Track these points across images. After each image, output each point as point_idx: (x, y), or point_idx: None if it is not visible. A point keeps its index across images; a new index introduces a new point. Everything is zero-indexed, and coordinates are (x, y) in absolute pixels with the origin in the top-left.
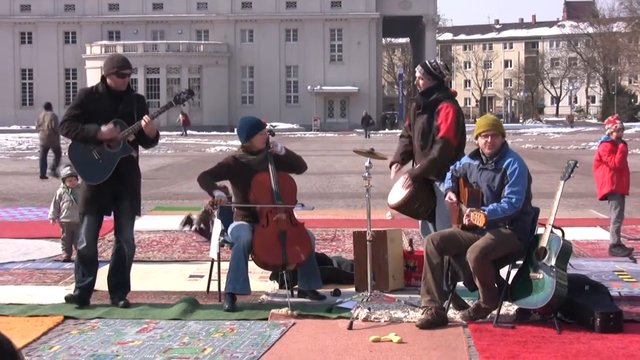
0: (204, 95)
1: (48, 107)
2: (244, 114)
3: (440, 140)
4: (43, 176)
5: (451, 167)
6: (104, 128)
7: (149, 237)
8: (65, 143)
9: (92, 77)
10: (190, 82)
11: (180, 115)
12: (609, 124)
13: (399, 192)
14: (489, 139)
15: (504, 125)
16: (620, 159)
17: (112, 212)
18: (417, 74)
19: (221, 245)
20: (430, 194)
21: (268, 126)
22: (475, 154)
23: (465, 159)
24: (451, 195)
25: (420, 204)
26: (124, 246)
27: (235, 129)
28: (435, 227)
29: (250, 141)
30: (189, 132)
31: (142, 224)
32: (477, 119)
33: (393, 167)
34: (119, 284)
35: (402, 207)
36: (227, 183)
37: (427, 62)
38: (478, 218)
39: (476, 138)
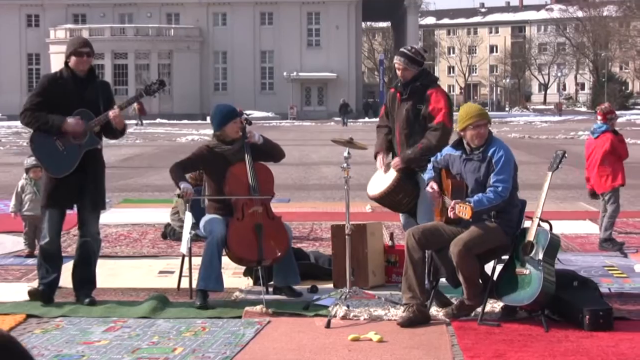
0: (174, 82)
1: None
2: (217, 102)
3: (437, 127)
4: None
5: (432, 159)
6: (70, 120)
7: (116, 231)
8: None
9: (56, 62)
10: (160, 68)
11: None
12: (611, 114)
13: (381, 181)
14: (481, 130)
15: (489, 113)
16: (626, 149)
17: (76, 206)
18: (400, 66)
19: (193, 239)
20: (414, 185)
21: (245, 115)
22: (458, 145)
23: (447, 150)
24: (433, 185)
25: (404, 194)
26: (89, 241)
27: (209, 117)
28: (417, 220)
29: (222, 130)
30: (144, 121)
31: (109, 217)
32: (460, 109)
33: (379, 157)
34: (85, 280)
35: (384, 198)
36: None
37: (405, 50)
38: (464, 210)
39: (462, 130)
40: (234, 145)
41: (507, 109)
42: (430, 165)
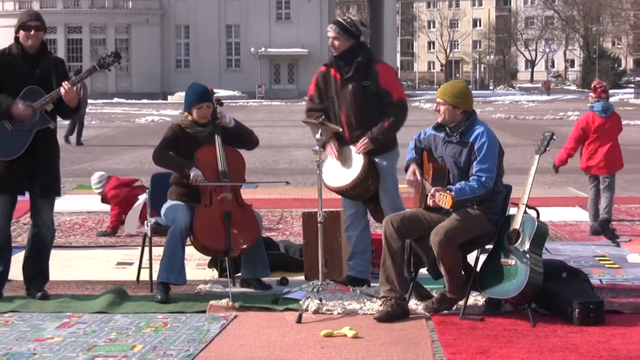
0: (133, 59)
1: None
2: (179, 80)
3: (399, 102)
4: (67, 140)
5: (414, 137)
6: (20, 106)
7: (70, 220)
8: None
9: (4, 37)
10: (118, 44)
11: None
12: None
13: (345, 170)
14: (434, 106)
15: (472, 92)
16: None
17: (28, 192)
18: (331, 34)
19: (154, 229)
20: (375, 167)
21: (216, 94)
22: (440, 126)
23: (430, 130)
24: (415, 170)
25: (371, 180)
26: (42, 230)
27: (170, 96)
28: (382, 206)
29: (189, 111)
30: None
31: (63, 204)
32: None
33: (331, 145)
34: (36, 273)
35: (356, 187)
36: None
37: (340, 19)
38: (444, 199)
39: None
40: (206, 127)
41: (491, 87)
42: (411, 145)
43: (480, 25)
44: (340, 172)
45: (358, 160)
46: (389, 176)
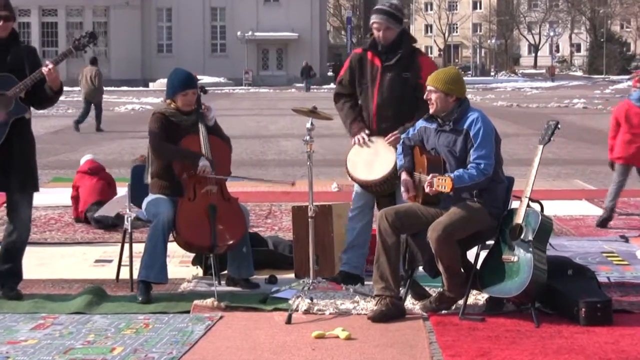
0: (111, 43)
1: (94, 62)
2: (161, 65)
3: None
4: (78, 126)
5: (403, 136)
6: None
7: (45, 215)
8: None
9: None
10: (96, 27)
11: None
12: None
13: (375, 163)
14: (429, 95)
15: (471, 79)
16: None
17: (3, 187)
18: (380, 26)
19: (134, 224)
20: None
21: (200, 81)
22: (432, 116)
23: (421, 123)
24: (406, 178)
25: (397, 177)
26: (19, 228)
27: (151, 83)
28: (396, 203)
29: (172, 99)
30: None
31: (37, 198)
32: None
33: (362, 136)
34: (9, 271)
35: (385, 183)
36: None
37: (384, 7)
38: (443, 183)
39: None
40: (191, 116)
41: (492, 73)
42: (399, 148)
43: (480, 8)
44: (368, 164)
45: (389, 156)
46: None
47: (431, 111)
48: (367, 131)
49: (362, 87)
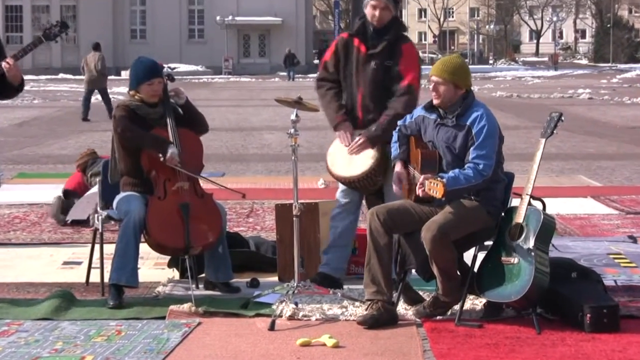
0: (81, 29)
1: (97, 47)
2: (134, 52)
3: (405, 90)
4: (85, 118)
5: (399, 123)
6: None
7: (9, 213)
8: None
9: None
10: (63, 11)
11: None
12: None
13: (354, 159)
14: (432, 86)
15: (470, 67)
16: None
17: None
18: (379, 3)
19: (105, 222)
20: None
21: (166, 69)
22: (432, 106)
23: (419, 112)
24: (399, 170)
25: (382, 175)
26: None
27: (124, 72)
28: (384, 200)
29: (136, 90)
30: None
31: (0, 195)
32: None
33: (344, 130)
34: None
35: (364, 179)
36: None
37: None
38: (435, 187)
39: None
40: (158, 108)
41: (491, 61)
42: (395, 137)
43: None
44: (348, 160)
45: (369, 152)
46: None
47: (436, 102)
48: (344, 127)
49: (346, 75)
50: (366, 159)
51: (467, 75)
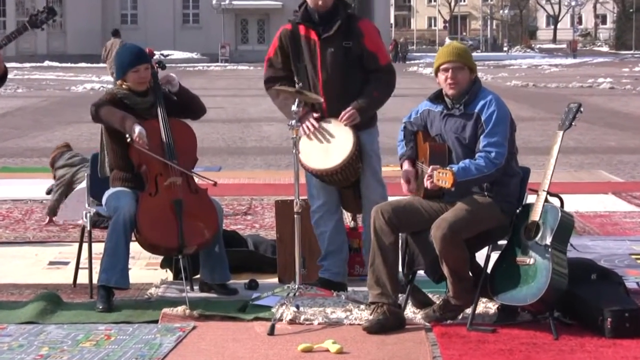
0: (67, 13)
1: (116, 33)
2: (124, 39)
3: (386, 68)
4: None
5: (404, 120)
6: None
7: None
8: None
9: None
10: None
11: None
12: None
13: (329, 148)
14: (449, 74)
15: (481, 55)
16: None
17: None
18: None
19: (93, 220)
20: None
21: (157, 56)
22: (437, 97)
23: (425, 105)
24: (408, 170)
25: (360, 160)
26: None
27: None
28: (361, 189)
29: (123, 79)
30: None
31: None
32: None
33: (309, 120)
34: None
35: (346, 169)
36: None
37: None
38: (444, 177)
39: (436, 74)
40: (147, 98)
41: (505, 48)
42: (400, 134)
43: None
44: (324, 151)
45: (345, 136)
46: (373, 155)
47: (452, 92)
48: (314, 115)
49: (298, 67)
50: (344, 145)
51: (473, 59)
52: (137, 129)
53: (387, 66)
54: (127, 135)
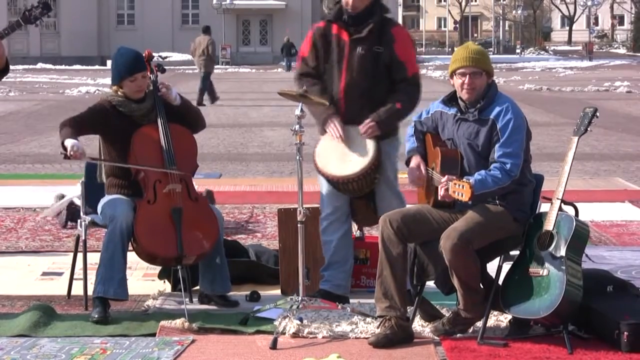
0: (62, 13)
1: (206, 30)
2: (121, 40)
3: (412, 80)
4: (214, 99)
5: (414, 119)
6: None
7: None
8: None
9: None
10: None
11: None
12: None
13: (349, 155)
14: (466, 79)
15: (493, 57)
16: None
17: None
18: None
19: (88, 227)
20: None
21: (156, 58)
22: (451, 100)
23: (437, 106)
24: (420, 163)
25: (378, 172)
26: None
27: (109, 62)
28: (376, 201)
29: (120, 84)
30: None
31: None
32: (455, 50)
33: (334, 124)
34: None
35: (363, 178)
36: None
37: None
38: (460, 190)
39: (451, 77)
40: (144, 104)
41: (518, 50)
42: (410, 130)
43: None
44: (343, 156)
45: (366, 144)
46: (390, 166)
47: (467, 97)
48: (334, 119)
49: (326, 67)
50: (364, 154)
51: (490, 62)
52: (70, 144)
53: (414, 78)
54: (61, 152)
